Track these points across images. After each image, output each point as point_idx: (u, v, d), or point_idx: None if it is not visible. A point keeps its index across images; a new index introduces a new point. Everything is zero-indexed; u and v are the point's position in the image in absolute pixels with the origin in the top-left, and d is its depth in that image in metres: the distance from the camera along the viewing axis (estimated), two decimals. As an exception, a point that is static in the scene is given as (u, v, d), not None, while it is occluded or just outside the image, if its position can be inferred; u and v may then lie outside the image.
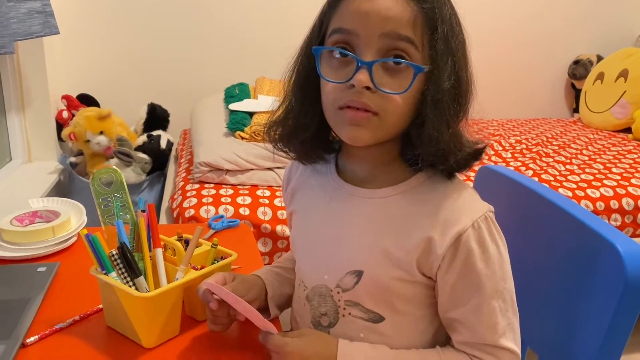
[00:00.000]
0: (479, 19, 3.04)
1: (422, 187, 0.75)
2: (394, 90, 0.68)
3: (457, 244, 0.71)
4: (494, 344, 0.73)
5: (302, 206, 0.87)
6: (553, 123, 3.05)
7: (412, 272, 0.73)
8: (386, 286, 0.75)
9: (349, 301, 0.78)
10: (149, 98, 2.56)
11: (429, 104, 0.69)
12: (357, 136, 0.71)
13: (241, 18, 2.79)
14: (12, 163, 2.19)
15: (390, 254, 0.74)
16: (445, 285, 0.73)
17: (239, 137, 2.03)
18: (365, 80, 0.67)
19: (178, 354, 0.81)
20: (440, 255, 0.71)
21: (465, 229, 0.70)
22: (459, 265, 0.71)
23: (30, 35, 1.80)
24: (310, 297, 0.82)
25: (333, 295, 0.79)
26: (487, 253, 0.71)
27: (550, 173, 2.15)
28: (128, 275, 0.81)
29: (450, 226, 0.71)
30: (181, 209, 1.73)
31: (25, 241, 1.09)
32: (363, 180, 0.79)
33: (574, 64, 3.22)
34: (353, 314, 0.78)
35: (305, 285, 0.83)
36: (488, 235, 0.72)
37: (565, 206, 0.85)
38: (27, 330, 0.84)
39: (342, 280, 0.77)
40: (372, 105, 0.68)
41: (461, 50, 0.71)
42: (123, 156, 2.18)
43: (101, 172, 0.85)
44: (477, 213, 0.72)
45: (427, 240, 0.72)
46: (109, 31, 2.69)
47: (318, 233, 0.82)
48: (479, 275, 0.71)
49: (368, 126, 0.70)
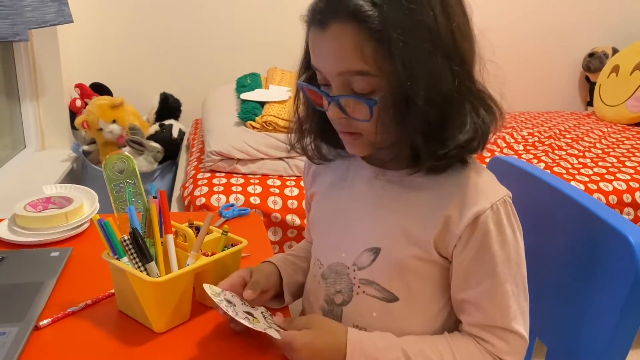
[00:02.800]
0: (494, 10, 3.02)
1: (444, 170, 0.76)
2: (363, 117, 0.71)
3: (474, 224, 0.71)
4: (504, 326, 0.73)
5: (323, 187, 0.89)
6: (566, 116, 3.02)
7: (429, 251, 0.74)
8: (403, 264, 0.76)
9: (364, 279, 0.79)
10: (161, 87, 2.57)
11: (409, 120, 0.69)
12: (355, 152, 0.78)
13: (254, 8, 2.79)
14: (26, 151, 2.21)
15: (409, 232, 0.75)
16: (460, 265, 0.74)
17: (250, 126, 2.03)
18: (336, 113, 0.73)
19: (188, 338, 0.82)
20: (457, 234, 0.72)
21: (484, 210, 0.71)
22: (475, 245, 0.72)
23: (44, 24, 1.81)
24: (325, 274, 0.83)
25: (349, 272, 0.80)
26: (503, 236, 0.72)
27: (563, 166, 2.13)
28: (140, 260, 0.82)
29: (469, 206, 0.72)
30: (192, 197, 1.74)
31: (39, 226, 1.11)
32: (385, 161, 0.79)
33: (589, 57, 3.18)
34: (367, 292, 0.79)
35: (322, 263, 0.85)
36: (506, 218, 0.72)
37: (577, 197, 0.85)
38: (41, 313, 0.85)
39: (359, 257, 0.79)
40: (352, 129, 0.74)
41: (425, 51, 0.66)
42: (135, 145, 2.19)
43: (114, 158, 0.86)
44: (497, 196, 0.73)
45: (446, 218, 0.73)
46: (123, 21, 2.70)
47: (338, 212, 0.84)
48: (494, 257, 0.72)
49: (358, 144, 0.75)
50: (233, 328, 0.83)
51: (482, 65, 0.72)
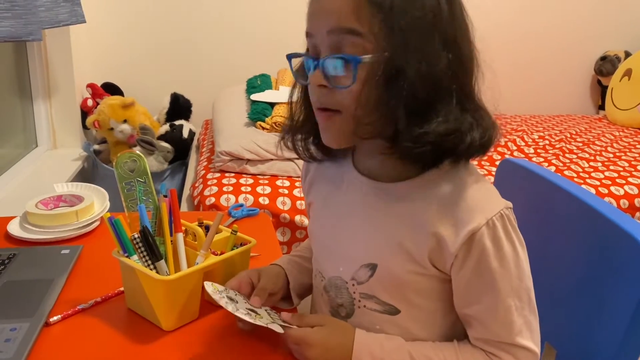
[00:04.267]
0: (505, 13, 3.01)
1: (437, 182, 0.73)
2: (345, 83, 0.67)
3: (470, 242, 0.69)
4: (510, 342, 0.72)
5: (319, 198, 0.87)
6: (577, 120, 3.00)
7: (425, 266, 0.73)
8: (401, 279, 0.74)
9: (364, 294, 0.78)
10: (172, 88, 2.59)
11: (394, 93, 0.65)
12: (327, 138, 0.73)
13: (264, 9, 2.80)
14: (37, 149, 2.23)
15: (405, 248, 0.73)
16: (460, 283, 0.72)
17: (259, 127, 2.04)
18: (318, 78, 0.69)
19: (196, 337, 0.82)
20: (453, 253, 0.70)
21: (479, 227, 0.68)
22: (472, 263, 0.70)
23: (57, 24, 1.83)
24: (327, 287, 0.83)
25: (348, 287, 0.79)
26: (501, 251, 0.69)
27: (573, 169, 2.12)
28: (149, 258, 0.82)
29: (464, 224, 0.69)
30: (202, 197, 1.74)
31: (50, 224, 1.11)
32: (378, 174, 0.77)
33: (601, 60, 3.16)
34: (368, 306, 0.78)
35: (323, 276, 0.84)
36: (503, 233, 0.70)
37: (588, 200, 0.84)
38: (51, 310, 0.86)
39: (357, 273, 0.77)
40: (330, 103, 0.69)
41: (424, 27, 0.66)
42: (146, 144, 2.21)
43: (125, 157, 0.86)
44: (493, 211, 0.69)
45: (438, 236, 0.70)
46: (134, 21, 2.72)
47: (334, 226, 0.82)
48: (493, 274, 0.70)
49: (333, 127, 0.71)
50: (241, 327, 0.83)
51: (479, 76, 0.70)
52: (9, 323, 0.81)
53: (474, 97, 0.70)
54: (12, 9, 1.47)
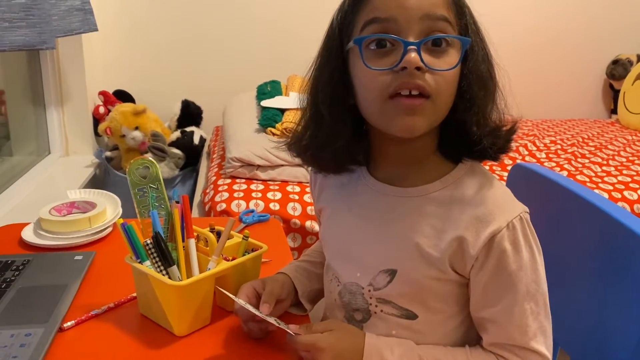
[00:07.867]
0: (517, 17, 3.00)
1: (456, 185, 0.74)
2: (449, 64, 0.68)
3: (490, 244, 0.70)
4: (524, 345, 0.72)
5: (331, 204, 0.87)
6: (590, 124, 2.98)
7: (445, 271, 0.73)
8: (420, 285, 0.74)
9: (380, 299, 0.78)
10: (183, 95, 2.61)
11: (475, 81, 0.70)
12: (413, 125, 0.68)
13: (274, 16, 2.81)
14: (50, 156, 2.25)
15: (425, 253, 0.73)
16: (478, 285, 0.72)
17: (270, 133, 2.04)
18: (416, 59, 0.65)
19: (209, 342, 0.82)
20: (474, 255, 0.70)
21: (500, 229, 0.69)
22: (491, 265, 0.70)
23: (70, 32, 1.85)
24: (342, 293, 0.82)
25: (364, 293, 0.79)
26: (520, 254, 0.70)
27: (586, 174, 2.10)
28: (162, 264, 0.82)
29: (484, 226, 0.70)
30: (213, 202, 1.75)
31: (63, 230, 1.13)
32: (397, 179, 0.78)
33: (613, 64, 3.14)
34: (385, 311, 0.78)
35: (339, 281, 0.83)
36: (522, 236, 0.70)
37: (601, 205, 0.84)
38: (65, 315, 0.86)
39: (375, 278, 0.77)
40: (426, 86, 0.66)
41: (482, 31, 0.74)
42: (157, 151, 2.22)
43: (138, 163, 0.87)
44: (513, 213, 0.70)
45: (460, 239, 0.71)
46: (146, 29, 2.74)
47: (350, 232, 0.82)
48: (511, 276, 0.70)
49: (423, 113, 0.68)
50: (248, 334, 0.83)
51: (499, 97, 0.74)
52: (23, 328, 0.82)
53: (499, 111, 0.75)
54: (27, 18, 1.49)
